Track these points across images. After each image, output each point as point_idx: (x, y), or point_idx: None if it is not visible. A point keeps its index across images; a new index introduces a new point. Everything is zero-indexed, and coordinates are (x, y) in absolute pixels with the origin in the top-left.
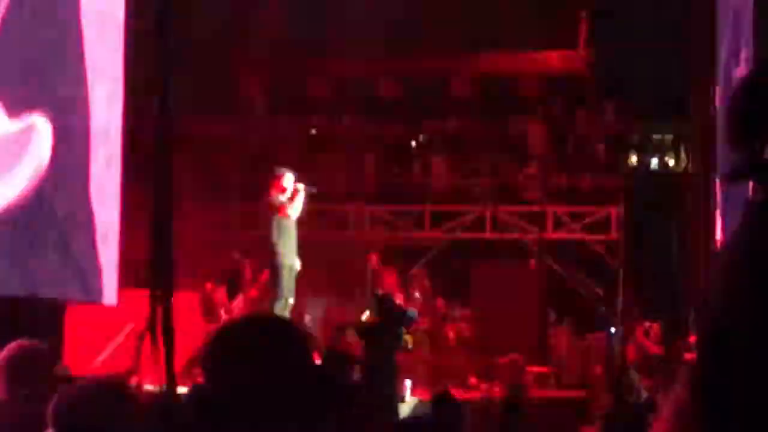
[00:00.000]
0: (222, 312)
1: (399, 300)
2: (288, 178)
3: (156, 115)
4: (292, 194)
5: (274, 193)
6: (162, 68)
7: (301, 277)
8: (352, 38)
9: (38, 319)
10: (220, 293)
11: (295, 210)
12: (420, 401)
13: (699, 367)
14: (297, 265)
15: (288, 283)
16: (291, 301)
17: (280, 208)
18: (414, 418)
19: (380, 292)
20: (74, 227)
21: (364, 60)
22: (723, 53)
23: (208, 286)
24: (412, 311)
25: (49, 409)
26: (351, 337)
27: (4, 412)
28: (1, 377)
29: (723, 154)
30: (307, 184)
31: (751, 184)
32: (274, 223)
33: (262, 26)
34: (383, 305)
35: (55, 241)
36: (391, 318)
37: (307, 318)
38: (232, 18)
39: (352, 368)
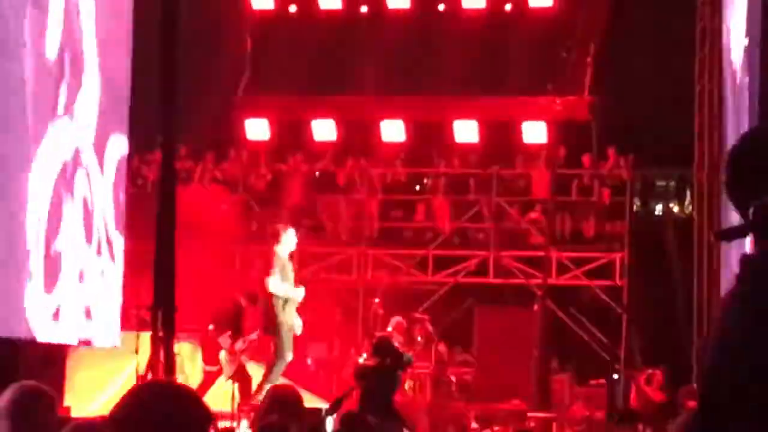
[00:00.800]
0: (222, 355)
1: (399, 343)
2: (289, 234)
3: (161, 155)
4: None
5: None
6: (165, 117)
7: (302, 319)
8: (355, 80)
9: (39, 359)
10: (222, 336)
11: (285, 249)
12: None
13: (698, 415)
14: (299, 297)
15: (287, 342)
16: (290, 357)
17: (281, 270)
18: None
19: (378, 335)
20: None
21: (368, 102)
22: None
23: (210, 328)
24: (408, 355)
25: None
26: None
27: None
28: (4, 420)
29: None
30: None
31: (749, 239)
32: (271, 281)
33: (267, 65)
34: (381, 348)
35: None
36: (387, 360)
37: (309, 360)
38: (235, 57)
39: None
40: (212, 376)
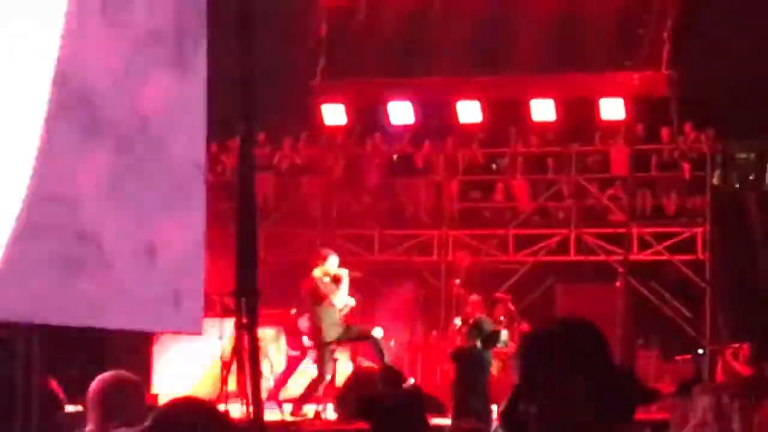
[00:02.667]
0: (305, 340)
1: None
2: (332, 261)
3: (240, 141)
4: (334, 278)
5: (317, 273)
6: (244, 96)
7: (385, 302)
8: (430, 61)
9: (126, 348)
10: (302, 318)
11: (339, 300)
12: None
13: None
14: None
15: (328, 364)
16: (329, 378)
17: (324, 296)
18: None
19: (466, 316)
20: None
21: (444, 83)
22: None
23: (292, 313)
24: (505, 332)
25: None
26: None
27: None
28: (95, 410)
29: None
30: (352, 270)
31: None
32: (319, 311)
33: (343, 50)
34: (479, 328)
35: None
36: (488, 340)
37: (391, 343)
38: (311, 43)
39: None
40: (295, 361)
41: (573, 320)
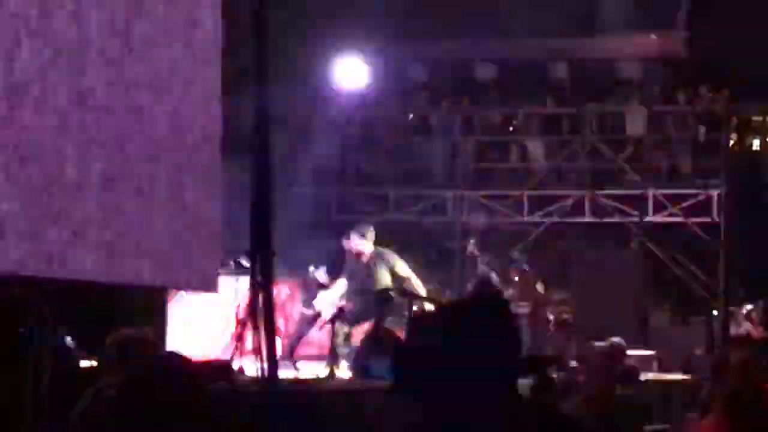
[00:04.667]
0: (319, 294)
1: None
2: (370, 235)
3: (254, 97)
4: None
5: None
6: (258, 44)
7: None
8: (450, 21)
9: (141, 306)
10: (320, 275)
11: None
12: None
13: None
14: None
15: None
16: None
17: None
18: None
19: (478, 275)
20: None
21: (463, 43)
22: None
23: (310, 270)
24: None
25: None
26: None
27: None
28: (113, 365)
29: None
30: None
31: None
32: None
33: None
34: (480, 289)
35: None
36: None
37: None
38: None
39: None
40: (311, 319)
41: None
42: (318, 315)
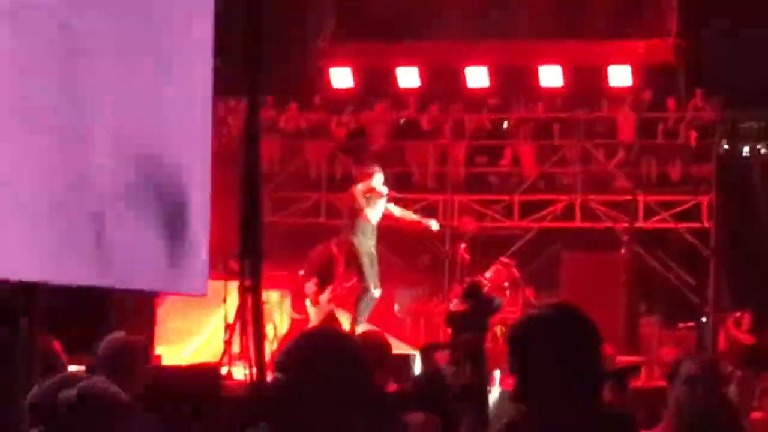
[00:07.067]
0: (307, 303)
1: (487, 289)
2: (378, 178)
3: (245, 104)
4: (374, 193)
5: (359, 187)
6: (250, 56)
7: (389, 266)
8: (439, 26)
9: (130, 309)
10: (308, 283)
11: (374, 216)
12: (505, 391)
13: None
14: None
15: (371, 274)
16: (377, 293)
17: (360, 210)
18: None
19: (468, 280)
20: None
21: (452, 48)
22: None
23: (300, 274)
24: (498, 300)
25: None
26: (440, 356)
27: None
28: (103, 370)
29: None
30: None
31: None
32: (355, 223)
33: (351, 13)
34: (471, 293)
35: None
36: (478, 306)
37: (396, 308)
38: (319, 5)
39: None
40: (300, 324)
41: (566, 310)
42: (308, 320)
